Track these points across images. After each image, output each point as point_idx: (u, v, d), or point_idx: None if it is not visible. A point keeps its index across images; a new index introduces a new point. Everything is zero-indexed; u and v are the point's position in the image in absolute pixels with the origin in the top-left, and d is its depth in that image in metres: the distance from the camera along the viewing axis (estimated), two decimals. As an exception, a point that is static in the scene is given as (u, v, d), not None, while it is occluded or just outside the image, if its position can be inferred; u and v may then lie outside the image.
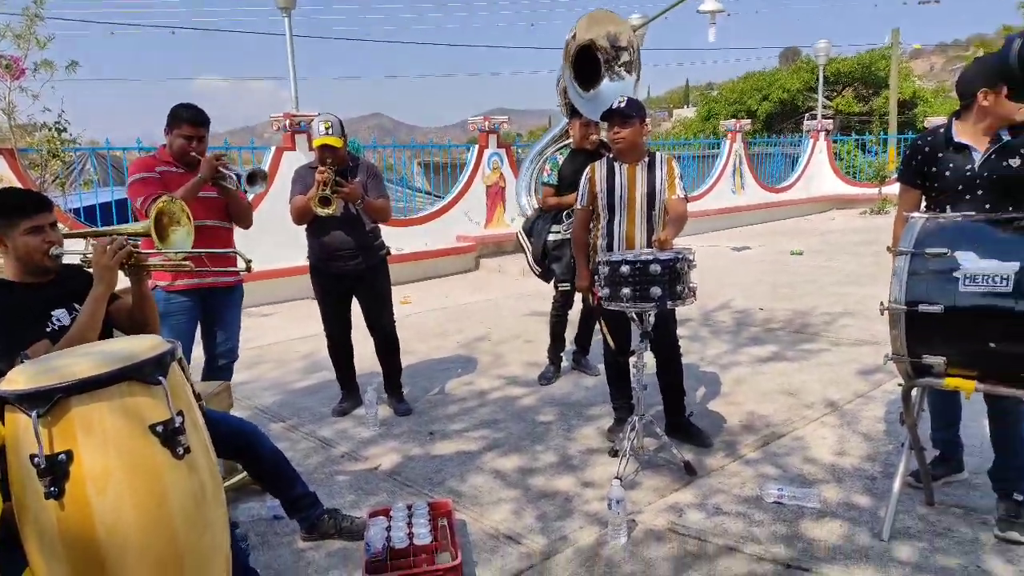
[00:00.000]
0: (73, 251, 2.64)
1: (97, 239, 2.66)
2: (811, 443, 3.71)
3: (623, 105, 3.63)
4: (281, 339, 6.46)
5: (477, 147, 10.89)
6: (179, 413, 1.78)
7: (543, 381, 4.91)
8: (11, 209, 2.42)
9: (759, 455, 3.61)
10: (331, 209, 3.98)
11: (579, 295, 4.64)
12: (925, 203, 3.02)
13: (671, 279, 3.20)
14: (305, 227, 4.24)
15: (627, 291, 3.20)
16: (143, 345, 1.86)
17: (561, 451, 3.76)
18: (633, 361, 3.52)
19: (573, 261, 4.13)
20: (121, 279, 2.51)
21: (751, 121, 18.74)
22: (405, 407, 4.44)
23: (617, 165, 3.72)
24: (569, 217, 4.51)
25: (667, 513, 3.07)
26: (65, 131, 7.63)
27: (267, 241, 6.22)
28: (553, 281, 4.88)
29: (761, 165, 16.15)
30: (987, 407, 2.86)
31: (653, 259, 3.19)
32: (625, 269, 3.21)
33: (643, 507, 3.13)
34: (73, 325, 2.38)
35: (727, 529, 2.92)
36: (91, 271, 2.54)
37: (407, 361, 4.82)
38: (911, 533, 2.81)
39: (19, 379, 1.71)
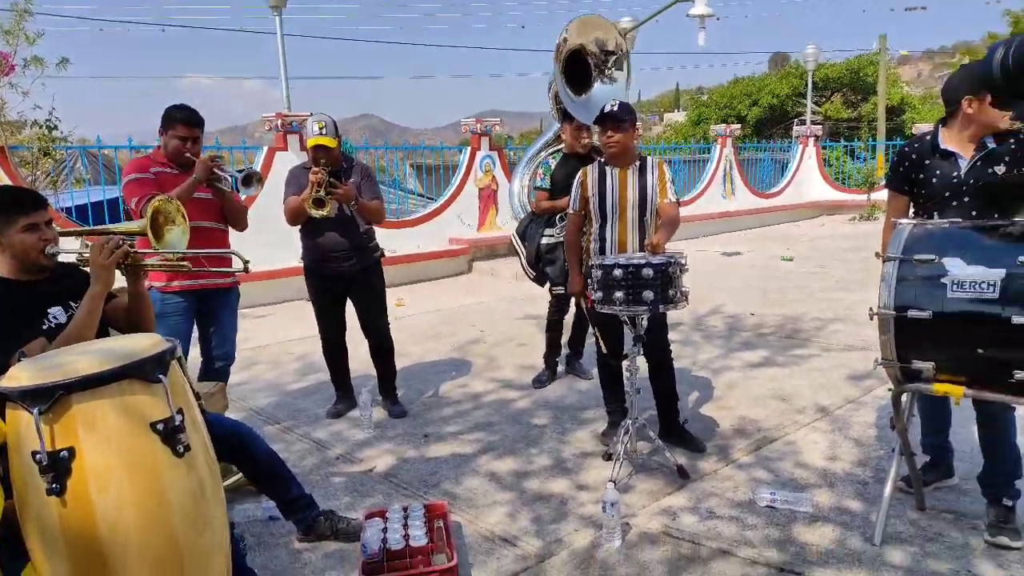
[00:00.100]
0: (69, 250, 2.64)
1: (94, 238, 2.66)
2: (803, 448, 3.74)
3: (615, 109, 3.63)
4: (275, 340, 6.45)
5: (469, 149, 10.88)
6: (179, 411, 1.79)
7: (537, 384, 4.93)
8: (7, 206, 2.41)
9: (751, 459, 3.63)
10: (325, 210, 3.97)
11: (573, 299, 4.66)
12: (913, 209, 3.06)
13: (663, 283, 3.21)
14: (299, 228, 4.24)
15: (620, 295, 3.22)
16: (144, 343, 1.86)
17: (555, 454, 3.78)
18: (626, 365, 3.54)
19: (567, 264, 4.15)
20: (117, 278, 2.51)
21: (741, 126, 18.86)
22: (400, 409, 4.45)
23: (608, 169, 3.73)
24: (562, 220, 4.53)
25: (661, 516, 3.09)
26: (56, 128, 7.58)
27: (261, 242, 6.19)
28: (548, 285, 4.90)
29: (751, 170, 16.22)
30: (976, 413, 2.89)
31: (645, 263, 3.20)
32: (618, 273, 3.22)
33: (637, 510, 3.15)
34: (70, 323, 2.38)
35: (720, 533, 2.94)
36: (87, 270, 2.54)
37: (401, 363, 4.82)
38: (902, 538, 2.83)
39: (21, 376, 1.72)
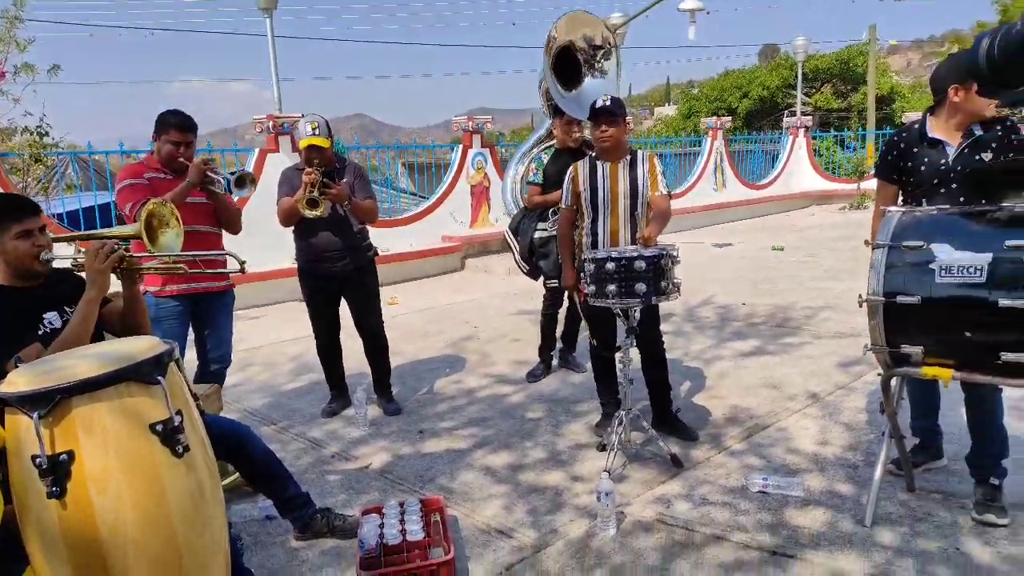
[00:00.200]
0: (63, 255, 2.66)
1: (88, 243, 2.67)
2: (794, 434, 3.78)
3: (608, 103, 3.65)
4: (269, 342, 6.46)
5: (461, 147, 10.88)
6: (178, 412, 1.81)
7: (531, 378, 4.96)
8: (1, 213, 2.43)
9: (744, 447, 3.68)
10: (319, 211, 3.99)
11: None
12: (902, 197, 3.10)
13: (656, 275, 3.24)
14: (292, 229, 4.25)
15: (613, 287, 3.25)
16: (141, 346, 1.89)
17: (550, 447, 3.81)
18: (619, 356, 3.57)
19: (560, 258, 4.17)
20: (112, 282, 2.53)
21: (731, 118, 18.90)
22: (394, 407, 4.47)
23: (599, 164, 3.76)
24: (555, 214, 4.56)
25: (655, 504, 3.13)
26: (47, 135, 7.58)
27: (253, 244, 6.20)
28: (542, 279, 4.93)
29: (742, 162, 16.26)
30: (964, 395, 2.94)
31: (638, 256, 3.23)
32: (611, 266, 3.25)
33: (631, 499, 3.19)
34: (66, 328, 2.40)
35: (714, 519, 2.98)
36: (81, 275, 2.55)
37: (395, 361, 4.85)
38: (892, 519, 2.88)
39: (19, 381, 1.74)
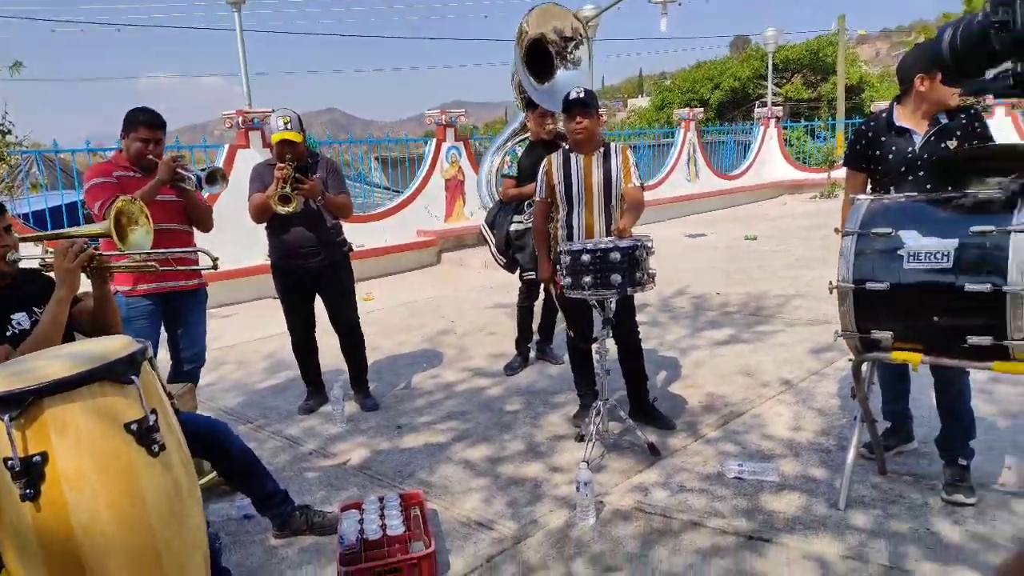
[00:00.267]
0: (30, 256, 2.61)
1: (55, 243, 2.63)
2: (768, 420, 3.84)
3: (582, 95, 3.66)
4: (243, 339, 6.40)
5: (435, 141, 10.83)
6: (152, 411, 1.79)
7: (509, 371, 4.97)
8: None
9: (719, 434, 3.72)
10: (291, 207, 3.96)
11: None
12: (870, 185, 3.15)
13: (630, 266, 3.27)
14: (265, 225, 4.22)
15: (588, 279, 3.27)
16: (114, 345, 1.86)
17: (528, 439, 3.83)
18: (596, 347, 3.60)
19: (536, 250, 4.18)
20: (82, 282, 2.49)
21: (704, 109, 19.03)
22: (372, 402, 4.46)
23: (573, 156, 3.77)
24: (531, 207, 4.56)
25: (633, 493, 3.16)
26: (10, 133, 7.43)
27: (225, 241, 6.12)
28: (518, 272, 4.93)
29: (714, 153, 16.41)
30: (933, 379, 3.00)
31: (613, 247, 3.26)
32: (586, 258, 3.27)
33: (610, 488, 3.22)
34: (36, 328, 2.36)
35: (691, 505, 3.02)
36: (50, 274, 2.51)
37: (372, 357, 4.84)
38: (865, 501, 2.94)
39: (-11, 384, 1.71)
